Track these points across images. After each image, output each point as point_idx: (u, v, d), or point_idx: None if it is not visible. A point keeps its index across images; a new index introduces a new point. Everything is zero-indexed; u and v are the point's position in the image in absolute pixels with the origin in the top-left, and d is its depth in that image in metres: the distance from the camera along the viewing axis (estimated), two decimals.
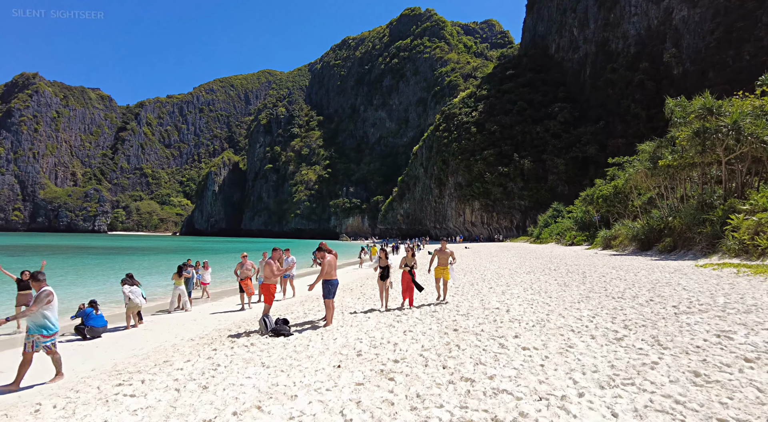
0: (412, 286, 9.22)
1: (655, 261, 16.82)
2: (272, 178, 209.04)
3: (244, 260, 12.34)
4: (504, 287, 11.45)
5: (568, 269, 15.72)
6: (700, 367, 3.98)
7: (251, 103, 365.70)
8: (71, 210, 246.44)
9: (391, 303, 9.88)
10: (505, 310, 7.80)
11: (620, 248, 26.01)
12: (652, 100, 65.46)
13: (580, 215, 41.62)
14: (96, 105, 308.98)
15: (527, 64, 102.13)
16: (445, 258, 9.65)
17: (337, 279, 8.08)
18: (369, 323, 7.72)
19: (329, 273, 7.87)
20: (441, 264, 9.70)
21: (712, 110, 18.39)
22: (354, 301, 11.25)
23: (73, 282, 20.85)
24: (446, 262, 9.64)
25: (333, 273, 7.94)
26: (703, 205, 18.69)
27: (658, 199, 25.20)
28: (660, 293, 8.39)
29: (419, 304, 9.53)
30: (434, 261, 10.09)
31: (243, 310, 12.05)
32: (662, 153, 23.44)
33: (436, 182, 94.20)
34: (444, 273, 9.60)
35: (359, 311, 9.48)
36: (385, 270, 9.16)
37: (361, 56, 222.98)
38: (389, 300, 9.89)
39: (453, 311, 8.24)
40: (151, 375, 5.47)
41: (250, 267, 12.25)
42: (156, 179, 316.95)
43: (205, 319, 10.88)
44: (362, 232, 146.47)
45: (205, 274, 16.70)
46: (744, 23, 56.37)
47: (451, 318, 7.49)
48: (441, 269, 9.67)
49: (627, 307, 7.18)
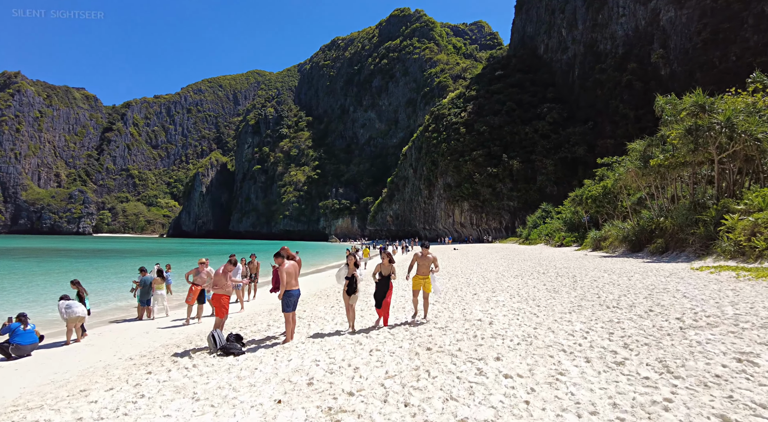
0: (389, 301, 7.74)
1: (647, 264, 16.12)
2: (261, 179, 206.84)
3: (202, 267, 10.67)
4: (489, 293, 10.59)
5: (558, 272, 14.94)
6: (728, 410, 3.11)
7: (240, 104, 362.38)
8: (55, 211, 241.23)
9: (363, 321, 8.22)
10: (488, 322, 6.91)
11: (610, 249, 25.40)
12: (640, 100, 65.57)
13: (569, 216, 41.15)
14: (81, 105, 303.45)
15: (516, 64, 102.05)
16: (426, 265, 7.94)
17: (299, 290, 7.10)
18: (333, 340, 6.78)
19: (289, 282, 6.90)
20: (421, 272, 7.95)
21: (704, 107, 17.78)
22: (326, 311, 10.29)
23: (17, 292, 18.89)
24: (428, 270, 7.93)
25: (293, 283, 6.96)
26: (695, 205, 18.08)
27: (648, 199, 24.63)
28: (659, 301, 7.58)
29: (396, 322, 7.89)
30: (413, 268, 8.23)
31: (199, 323, 10.92)
32: (653, 152, 22.88)
33: (425, 183, 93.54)
34: (425, 283, 7.82)
35: (329, 321, 8.54)
36: (352, 282, 7.52)
37: (350, 57, 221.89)
38: (359, 318, 8.37)
39: (431, 323, 7.33)
40: (53, 412, 4.46)
41: (205, 276, 10.62)
42: (143, 180, 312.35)
43: (157, 332, 9.82)
44: (352, 234, 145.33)
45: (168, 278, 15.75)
46: (730, 24, 56.58)
47: (426, 332, 6.59)
48: (421, 279, 7.88)
49: (624, 319, 6.34)
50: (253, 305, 13.84)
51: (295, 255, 7.56)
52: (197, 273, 10.44)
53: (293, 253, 7.59)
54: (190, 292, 10.62)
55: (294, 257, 7.45)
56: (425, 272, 7.95)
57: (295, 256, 7.51)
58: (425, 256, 8.02)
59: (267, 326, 8.64)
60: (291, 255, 7.54)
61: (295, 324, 7.20)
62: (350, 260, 7.68)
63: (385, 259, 7.87)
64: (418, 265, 8.06)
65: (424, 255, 8.04)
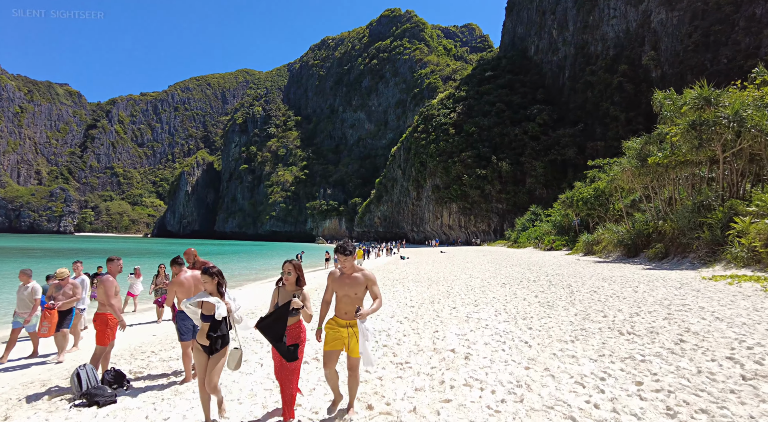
0: (295, 373, 3.71)
1: (649, 271, 14.49)
2: (247, 179, 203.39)
3: (64, 281, 7.35)
4: (471, 307, 8.78)
5: (550, 280, 13.22)
6: None
7: (228, 103, 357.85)
8: (34, 210, 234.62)
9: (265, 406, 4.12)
10: (463, 356, 5.09)
11: (604, 254, 23.87)
12: (630, 102, 64.85)
13: (559, 219, 39.77)
14: (64, 101, 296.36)
15: (506, 65, 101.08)
16: (352, 295, 3.74)
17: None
18: (246, 380, 4.89)
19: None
20: (342, 313, 3.78)
21: (710, 100, 16.26)
22: None
23: None
24: (353, 308, 3.73)
25: None
26: (699, 206, 16.53)
27: (645, 200, 23.14)
28: (686, 325, 5.84)
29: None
30: (330, 303, 3.97)
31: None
32: (650, 150, 21.38)
33: (413, 184, 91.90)
34: (349, 339, 3.70)
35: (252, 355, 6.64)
36: (217, 328, 3.76)
37: (340, 56, 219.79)
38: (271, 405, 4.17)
39: (388, 354, 5.48)
40: None
41: (70, 292, 7.37)
42: (128, 179, 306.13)
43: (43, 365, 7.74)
44: (339, 235, 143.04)
45: (135, 283, 13.76)
46: (721, 27, 55.98)
47: (376, 374, 4.73)
48: (339, 329, 3.74)
49: (650, 355, 4.57)
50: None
51: (208, 263, 5.65)
52: (58, 289, 7.25)
53: (203, 260, 5.69)
54: (44, 318, 6.86)
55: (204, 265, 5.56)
56: (349, 312, 3.73)
57: (206, 264, 5.60)
58: (350, 275, 3.75)
59: (178, 355, 6.65)
60: (201, 262, 5.65)
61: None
62: (207, 282, 3.71)
63: (291, 277, 3.73)
64: (337, 297, 3.82)
65: (347, 273, 3.77)
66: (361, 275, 3.74)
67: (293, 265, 3.79)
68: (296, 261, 3.84)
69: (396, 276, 18.77)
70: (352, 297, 3.73)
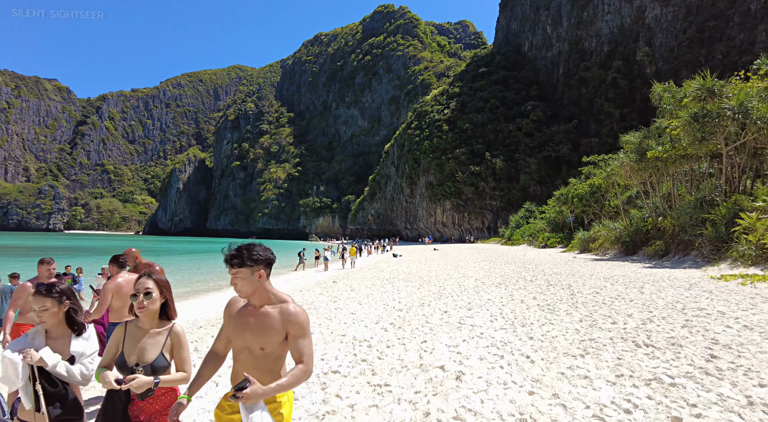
0: None
1: (651, 270, 13.79)
2: (239, 176, 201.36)
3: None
4: (464, 311, 7.98)
5: (548, 280, 12.47)
6: None
7: (221, 99, 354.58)
8: (22, 207, 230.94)
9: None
10: (454, 376, 4.27)
11: (600, 251, 23.23)
12: (625, 99, 64.41)
13: (554, 216, 39.17)
14: (53, 96, 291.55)
15: (500, 61, 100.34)
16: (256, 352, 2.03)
17: None
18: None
19: (120, 310, 4.13)
20: (235, 382, 2.06)
21: (713, 91, 15.58)
22: None
23: None
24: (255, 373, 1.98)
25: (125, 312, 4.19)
26: (701, 202, 15.86)
27: (644, 195, 22.50)
28: (711, 335, 5.07)
29: None
30: (222, 356, 2.24)
31: None
32: (648, 144, 20.73)
33: (407, 181, 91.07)
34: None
35: None
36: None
37: (333, 52, 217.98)
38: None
39: (366, 373, 4.65)
40: None
41: None
42: (118, 176, 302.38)
43: None
44: (332, 233, 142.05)
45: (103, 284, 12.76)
46: (716, 22, 55.60)
47: (348, 399, 3.89)
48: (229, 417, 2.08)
49: (680, 376, 3.79)
50: None
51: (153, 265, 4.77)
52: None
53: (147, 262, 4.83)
54: None
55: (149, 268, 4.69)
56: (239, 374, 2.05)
57: (152, 266, 4.73)
58: (259, 313, 2.05)
59: None
60: (144, 264, 4.78)
61: None
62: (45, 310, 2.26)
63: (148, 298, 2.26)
64: (233, 350, 2.14)
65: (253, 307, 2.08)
66: (277, 312, 2.00)
67: (155, 281, 2.29)
68: (158, 276, 2.33)
69: (386, 275, 17.97)
70: (257, 355, 2.01)
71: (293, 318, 2.00)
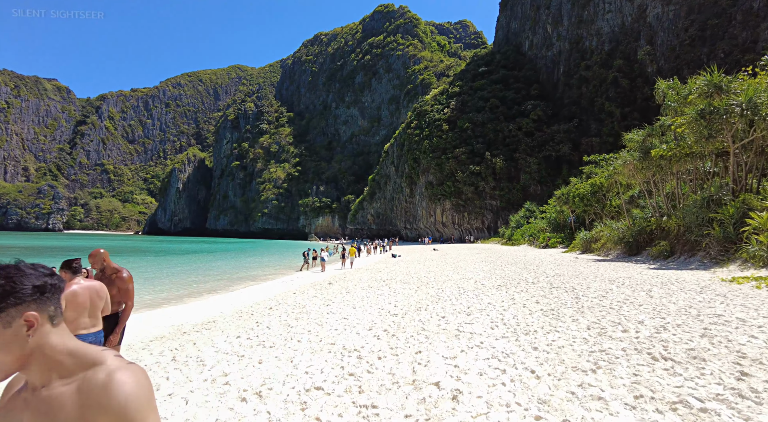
0: None
1: (656, 271, 13.32)
2: (239, 176, 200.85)
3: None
4: (463, 317, 7.51)
5: (551, 282, 12.00)
6: None
7: (220, 99, 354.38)
8: (21, 207, 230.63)
9: None
10: (450, 396, 3.79)
11: (603, 252, 22.76)
12: (626, 98, 63.95)
13: (554, 215, 38.73)
14: (52, 96, 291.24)
15: (500, 60, 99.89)
16: None
17: (96, 333, 3.83)
18: None
19: (76, 321, 3.65)
20: None
21: (721, 87, 15.10)
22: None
23: None
24: None
25: (85, 322, 3.71)
26: (708, 201, 15.38)
27: (647, 194, 22.02)
28: (735, 347, 4.59)
29: None
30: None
31: None
32: (652, 142, 20.26)
33: (406, 181, 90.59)
34: None
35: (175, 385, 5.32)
36: None
37: (333, 52, 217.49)
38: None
39: (352, 390, 4.18)
40: None
41: None
42: (118, 176, 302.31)
43: None
44: (332, 233, 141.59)
45: None
46: (718, 21, 55.14)
47: (330, 421, 3.42)
48: None
49: (709, 398, 3.30)
50: None
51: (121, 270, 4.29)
52: None
53: (116, 266, 4.34)
54: None
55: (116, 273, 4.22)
56: None
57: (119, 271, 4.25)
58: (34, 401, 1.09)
59: None
60: (113, 269, 4.30)
61: None
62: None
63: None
64: None
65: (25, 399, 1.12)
66: (73, 391, 1.07)
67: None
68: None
69: (384, 276, 17.49)
70: None
71: (104, 403, 1.02)
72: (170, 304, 14.49)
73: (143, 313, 12.19)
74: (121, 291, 4.18)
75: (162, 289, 18.85)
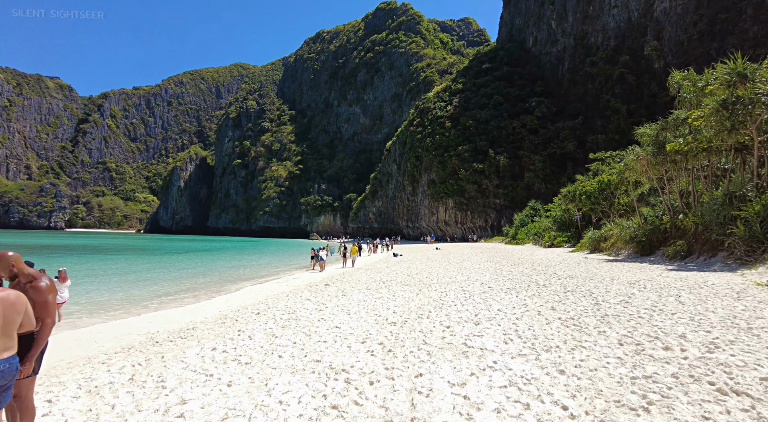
0: None
1: (677, 273, 12.33)
2: (241, 174, 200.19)
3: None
4: (471, 327, 6.56)
5: (564, 284, 11.03)
6: None
7: (222, 97, 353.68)
8: (24, 205, 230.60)
9: None
10: None
11: (613, 251, 21.77)
12: (632, 94, 62.79)
13: (560, 214, 37.71)
14: (54, 94, 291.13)
15: (504, 57, 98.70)
16: None
17: (9, 359, 2.87)
18: None
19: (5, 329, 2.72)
20: None
21: (746, 75, 14.07)
22: None
23: None
24: None
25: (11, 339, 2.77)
26: (731, 198, 14.38)
27: (660, 191, 20.99)
28: None
29: None
30: None
31: None
32: (666, 137, 19.22)
33: (409, 179, 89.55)
34: None
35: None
36: None
37: (335, 50, 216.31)
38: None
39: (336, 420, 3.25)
40: None
41: None
42: (120, 174, 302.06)
43: None
44: (334, 231, 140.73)
45: (61, 289, 11.42)
46: (728, 15, 53.90)
47: None
48: None
49: None
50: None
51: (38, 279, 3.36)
52: None
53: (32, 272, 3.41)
54: None
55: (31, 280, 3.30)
56: None
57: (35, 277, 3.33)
58: None
59: None
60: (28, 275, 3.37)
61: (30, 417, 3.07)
62: None
63: None
64: None
65: None
66: None
67: None
68: None
69: (384, 277, 16.55)
70: None
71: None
72: (154, 308, 13.60)
73: (124, 320, 11.29)
74: (37, 306, 3.24)
75: (151, 290, 17.97)
